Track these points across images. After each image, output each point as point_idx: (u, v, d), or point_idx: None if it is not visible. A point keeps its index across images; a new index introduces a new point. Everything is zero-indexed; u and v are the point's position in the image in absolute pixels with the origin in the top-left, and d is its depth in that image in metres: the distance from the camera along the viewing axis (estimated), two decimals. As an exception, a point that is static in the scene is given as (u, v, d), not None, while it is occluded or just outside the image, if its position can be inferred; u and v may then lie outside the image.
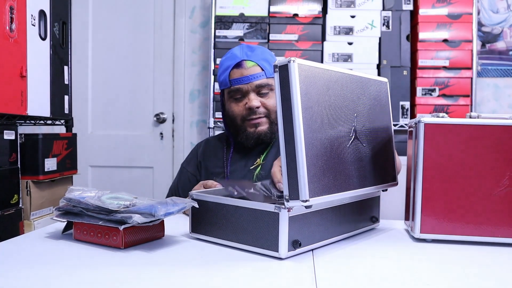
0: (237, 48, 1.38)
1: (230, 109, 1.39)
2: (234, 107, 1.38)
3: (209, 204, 0.93)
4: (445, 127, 0.94)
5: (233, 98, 1.37)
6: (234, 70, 1.35)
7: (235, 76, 1.35)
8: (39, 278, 0.73)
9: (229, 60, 1.37)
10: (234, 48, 1.40)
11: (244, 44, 1.40)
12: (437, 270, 0.80)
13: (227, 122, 1.44)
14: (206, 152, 1.50)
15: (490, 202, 0.94)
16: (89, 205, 0.91)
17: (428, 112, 2.42)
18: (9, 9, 1.56)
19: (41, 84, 1.81)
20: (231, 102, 1.39)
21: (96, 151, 2.90)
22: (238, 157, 1.42)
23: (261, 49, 1.39)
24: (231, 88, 1.36)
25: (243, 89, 1.34)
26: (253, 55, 1.35)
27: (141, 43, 2.88)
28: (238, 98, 1.36)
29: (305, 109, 0.80)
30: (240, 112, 1.37)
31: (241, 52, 1.36)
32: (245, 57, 1.34)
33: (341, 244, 0.95)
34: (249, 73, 1.33)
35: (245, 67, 1.34)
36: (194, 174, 1.47)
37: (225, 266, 0.80)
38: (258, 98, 1.34)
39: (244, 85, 1.34)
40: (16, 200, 1.69)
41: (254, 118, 1.35)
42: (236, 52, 1.37)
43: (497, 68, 2.69)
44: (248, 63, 1.34)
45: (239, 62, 1.34)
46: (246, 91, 1.35)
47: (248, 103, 1.34)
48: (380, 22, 2.45)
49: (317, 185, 0.80)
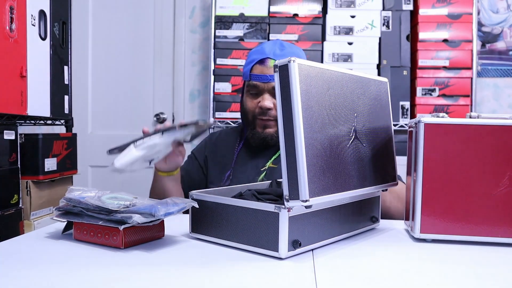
0: (270, 44, 1.37)
1: (245, 102, 1.40)
2: (249, 102, 1.38)
3: (209, 204, 0.93)
4: (445, 127, 0.94)
5: (250, 92, 1.37)
6: (257, 66, 1.34)
7: (256, 72, 1.34)
8: (39, 278, 0.73)
9: (256, 53, 1.36)
10: (267, 42, 1.39)
11: (279, 41, 1.38)
12: (437, 270, 0.80)
13: (241, 113, 1.44)
14: (215, 146, 1.49)
15: (490, 202, 0.94)
16: (89, 205, 0.91)
17: (428, 112, 2.43)
18: (9, 9, 1.56)
19: (41, 84, 1.81)
20: (247, 96, 1.39)
21: (96, 151, 2.90)
22: (245, 154, 1.42)
23: (292, 49, 1.36)
24: (249, 83, 1.36)
25: (259, 86, 1.34)
26: (281, 54, 1.33)
27: (141, 43, 2.88)
28: (253, 94, 1.36)
29: (305, 109, 0.80)
30: (252, 108, 1.36)
31: (270, 49, 1.34)
32: (271, 55, 1.33)
33: (341, 244, 0.95)
34: (269, 73, 1.32)
35: (267, 65, 1.33)
36: (201, 165, 1.47)
37: (225, 266, 0.80)
38: (272, 99, 1.34)
39: (261, 83, 1.33)
40: (16, 200, 1.69)
41: (264, 118, 1.34)
42: (266, 47, 1.35)
43: (497, 68, 2.69)
44: (271, 62, 1.33)
45: (263, 59, 1.33)
46: (262, 90, 1.34)
47: (261, 102, 1.33)
48: (380, 22, 2.45)
49: (317, 185, 0.80)
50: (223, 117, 2.50)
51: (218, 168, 1.43)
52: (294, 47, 1.38)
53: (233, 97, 2.49)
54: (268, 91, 1.33)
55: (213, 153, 1.47)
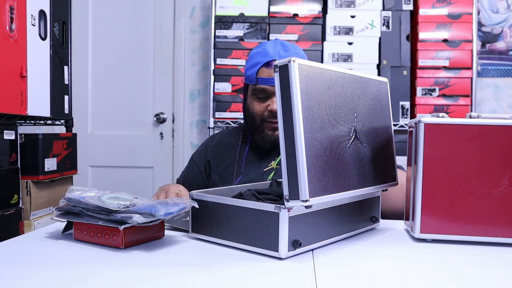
0: (271, 44, 1.34)
1: (251, 106, 1.36)
2: (256, 106, 1.35)
3: (209, 204, 0.93)
4: (445, 127, 0.94)
5: (257, 96, 1.35)
6: (263, 69, 1.31)
7: (263, 75, 1.32)
8: (39, 278, 0.73)
9: (260, 55, 1.33)
10: (267, 42, 1.36)
11: (279, 41, 1.36)
12: (437, 270, 0.80)
13: (246, 116, 1.41)
14: (217, 148, 1.47)
15: (490, 202, 0.94)
16: (89, 205, 0.91)
17: (428, 112, 2.43)
18: (9, 9, 1.56)
19: (41, 84, 1.81)
20: (254, 99, 1.36)
21: (96, 151, 2.90)
22: (253, 157, 1.40)
23: (295, 49, 1.34)
24: (256, 86, 1.33)
25: (268, 90, 1.32)
26: (286, 56, 1.30)
27: (141, 43, 2.88)
28: (261, 97, 1.34)
29: (305, 109, 0.80)
30: (261, 112, 1.34)
31: (274, 51, 1.32)
32: (277, 57, 1.30)
33: (341, 244, 0.95)
34: None
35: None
36: (201, 170, 1.46)
37: (225, 266, 0.80)
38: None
39: (270, 87, 1.31)
40: (16, 200, 1.69)
41: (274, 121, 1.33)
42: (269, 48, 1.32)
43: (497, 68, 2.69)
44: None
45: (269, 61, 1.30)
46: (271, 93, 1.32)
47: (271, 105, 1.31)
48: (380, 22, 2.45)
49: (317, 185, 0.80)
50: (223, 117, 2.50)
51: (222, 172, 1.42)
52: (296, 47, 1.37)
53: (233, 97, 2.49)
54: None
55: (215, 157, 1.45)
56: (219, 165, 1.43)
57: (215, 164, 1.44)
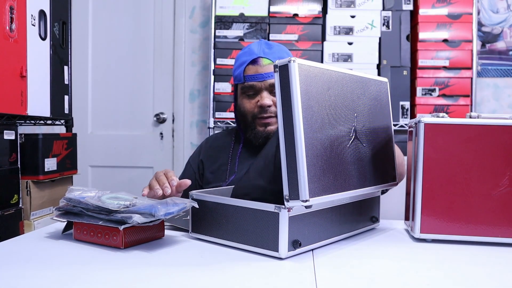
0: (255, 44, 1.37)
1: (242, 104, 1.39)
2: (246, 104, 1.37)
3: (209, 204, 0.93)
4: (445, 127, 0.94)
5: (246, 94, 1.37)
6: (250, 66, 1.34)
7: (250, 72, 1.34)
8: (39, 278, 0.73)
9: (245, 55, 1.36)
10: (252, 43, 1.39)
11: (263, 41, 1.39)
12: (437, 270, 0.80)
13: (238, 117, 1.43)
14: (211, 149, 1.49)
15: (490, 202, 0.94)
16: (89, 205, 0.91)
17: (428, 112, 2.42)
18: (9, 9, 1.56)
19: (41, 84, 1.81)
20: (243, 98, 1.38)
21: (96, 151, 2.90)
22: (247, 154, 1.42)
23: (279, 47, 1.38)
24: (244, 84, 1.36)
25: (256, 86, 1.34)
26: (270, 52, 1.34)
27: (141, 43, 2.88)
28: (250, 94, 1.36)
29: (305, 109, 0.80)
30: (251, 109, 1.36)
31: (258, 49, 1.35)
32: (261, 54, 1.33)
33: (341, 244, 0.95)
34: (264, 71, 1.33)
35: (260, 64, 1.33)
36: (195, 171, 1.47)
37: (225, 266, 0.80)
38: (270, 96, 1.34)
39: (258, 83, 1.33)
40: (16, 200, 1.69)
41: (265, 116, 1.34)
42: (254, 48, 1.36)
43: (497, 68, 2.69)
44: (264, 60, 1.33)
45: (255, 58, 1.34)
46: (259, 89, 1.34)
47: (260, 101, 1.33)
48: (380, 22, 2.45)
49: (317, 185, 0.80)
50: (223, 117, 2.50)
51: (215, 170, 1.43)
52: (280, 45, 1.40)
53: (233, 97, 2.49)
54: (265, 89, 1.33)
55: (208, 157, 1.47)
56: (213, 165, 1.44)
57: (208, 164, 1.45)
